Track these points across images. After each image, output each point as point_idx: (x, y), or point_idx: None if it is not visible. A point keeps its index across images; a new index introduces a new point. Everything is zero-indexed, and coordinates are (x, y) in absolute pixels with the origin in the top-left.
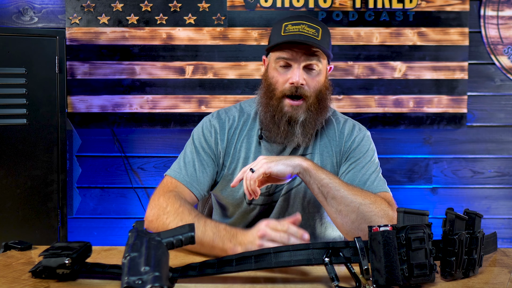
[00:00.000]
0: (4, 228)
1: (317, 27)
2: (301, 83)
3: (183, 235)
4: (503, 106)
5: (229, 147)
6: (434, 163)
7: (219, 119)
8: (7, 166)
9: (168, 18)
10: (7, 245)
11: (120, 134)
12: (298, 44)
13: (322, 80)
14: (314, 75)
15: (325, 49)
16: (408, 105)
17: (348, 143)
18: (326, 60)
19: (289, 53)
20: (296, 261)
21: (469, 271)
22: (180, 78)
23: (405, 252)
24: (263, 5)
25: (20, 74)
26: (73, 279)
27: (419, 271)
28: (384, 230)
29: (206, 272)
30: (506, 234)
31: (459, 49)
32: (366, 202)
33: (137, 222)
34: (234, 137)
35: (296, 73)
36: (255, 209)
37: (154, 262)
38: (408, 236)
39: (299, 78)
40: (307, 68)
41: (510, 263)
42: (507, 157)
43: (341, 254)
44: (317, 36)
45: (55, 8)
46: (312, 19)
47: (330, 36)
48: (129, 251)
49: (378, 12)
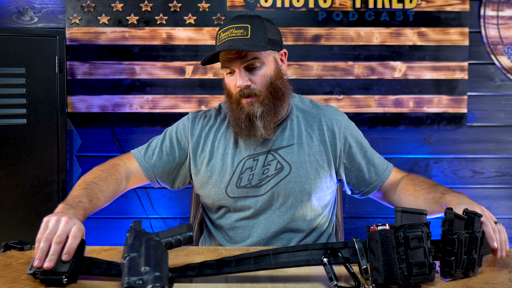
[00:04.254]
0: (4, 228)
1: (245, 25)
2: (244, 85)
3: (182, 235)
4: (503, 106)
5: (205, 145)
6: (434, 163)
7: (195, 116)
8: (7, 166)
9: (168, 18)
10: (7, 245)
11: (120, 134)
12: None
13: (270, 72)
14: (258, 72)
15: (257, 43)
16: (408, 105)
17: (341, 134)
18: (268, 51)
19: (226, 61)
20: (295, 262)
21: (468, 271)
22: (180, 78)
23: (403, 251)
24: (263, 5)
25: (20, 74)
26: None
27: (418, 270)
28: (382, 229)
29: (205, 272)
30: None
31: (459, 49)
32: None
33: (135, 222)
34: (210, 135)
35: (238, 78)
36: (239, 201)
37: (154, 262)
38: (406, 235)
39: (242, 81)
40: (248, 68)
41: (510, 263)
42: (507, 157)
43: (340, 254)
44: (246, 35)
45: (55, 8)
46: (240, 19)
47: (265, 26)
48: (128, 251)
49: (378, 12)
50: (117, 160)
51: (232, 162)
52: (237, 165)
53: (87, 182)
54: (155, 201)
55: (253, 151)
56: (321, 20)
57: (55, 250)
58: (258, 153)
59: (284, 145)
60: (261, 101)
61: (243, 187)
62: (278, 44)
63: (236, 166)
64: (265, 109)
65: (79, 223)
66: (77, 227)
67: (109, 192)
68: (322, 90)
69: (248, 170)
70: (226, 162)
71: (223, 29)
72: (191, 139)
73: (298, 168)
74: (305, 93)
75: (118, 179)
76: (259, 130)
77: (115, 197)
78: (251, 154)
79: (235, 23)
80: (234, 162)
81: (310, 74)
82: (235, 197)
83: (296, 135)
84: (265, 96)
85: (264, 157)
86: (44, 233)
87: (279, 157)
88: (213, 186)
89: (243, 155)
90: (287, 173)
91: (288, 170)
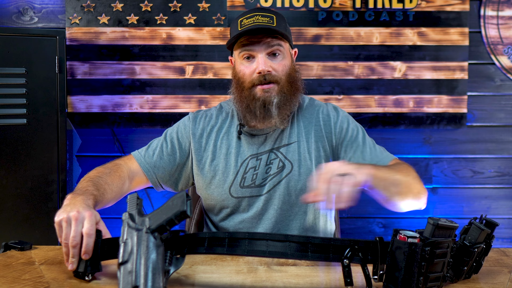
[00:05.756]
0: (4, 228)
1: (271, 15)
2: (267, 70)
3: (175, 215)
4: (503, 106)
5: (208, 145)
6: (434, 163)
7: (195, 116)
8: (7, 166)
9: (168, 18)
10: (7, 245)
11: (120, 134)
12: (255, 33)
13: (289, 63)
14: (279, 60)
15: (283, 32)
16: (408, 105)
17: (336, 128)
18: (287, 44)
19: (249, 44)
20: (313, 257)
21: (471, 274)
22: (180, 78)
23: (425, 265)
24: (263, 5)
25: (20, 74)
26: None
27: (433, 282)
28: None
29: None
30: (506, 234)
31: (459, 49)
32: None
33: (130, 197)
34: (212, 135)
35: (260, 62)
36: (242, 202)
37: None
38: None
39: (265, 65)
40: (270, 55)
41: (510, 263)
42: (507, 157)
43: (360, 255)
44: (272, 23)
45: (55, 8)
46: (265, 10)
47: (286, 22)
48: (123, 255)
49: (378, 12)
50: (119, 160)
51: (235, 162)
52: (241, 165)
53: (91, 177)
54: (155, 201)
55: (256, 151)
56: (321, 20)
57: (74, 254)
58: (261, 152)
59: (285, 143)
60: (280, 89)
61: (247, 187)
62: (292, 41)
63: (240, 165)
64: (282, 98)
65: (89, 212)
66: (89, 221)
67: (114, 187)
68: (322, 90)
69: (251, 169)
70: (230, 162)
71: (245, 16)
72: (193, 139)
73: (299, 166)
74: (305, 93)
75: (121, 176)
76: (274, 118)
77: (120, 195)
78: (254, 153)
79: (260, 12)
80: (238, 162)
81: (310, 74)
82: (239, 197)
83: (296, 133)
84: (284, 84)
85: (267, 156)
86: (61, 236)
87: (281, 155)
88: (217, 186)
89: (246, 154)
90: (288, 171)
91: (289, 168)
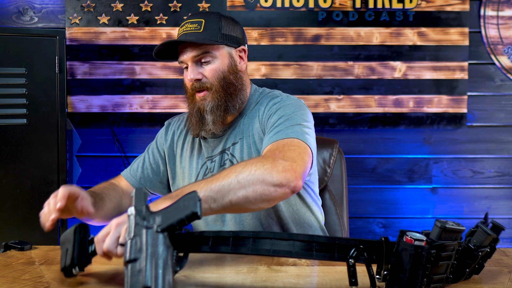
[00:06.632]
0: (4, 228)
1: (200, 20)
2: (195, 78)
3: (186, 216)
4: (503, 106)
5: (177, 148)
6: (434, 163)
7: (169, 123)
8: (7, 166)
9: (168, 18)
10: (7, 245)
11: (120, 134)
12: (179, 44)
13: (222, 67)
14: (209, 66)
15: (206, 39)
16: (408, 105)
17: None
18: (223, 46)
19: (180, 55)
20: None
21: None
22: (180, 78)
23: (430, 268)
24: (263, 5)
25: (20, 74)
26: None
27: (435, 283)
28: (418, 245)
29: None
30: (506, 234)
31: (459, 49)
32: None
33: (137, 190)
34: (180, 139)
35: (190, 71)
36: None
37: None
38: (439, 253)
39: (193, 74)
40: (200, 62)
41: (510, 263)
42: (507, 157)
43: (365, 254)
44: (199, 29)
45: (55, 8)
46: (197, 14)
47: (221, 22)
48: (130, 253)
49: (378, 12)
50: (112, 180)
51: (196, 165)
52: (201, 168)
53: (88, 190)
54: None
55: (211, 153)
56: (321, 20)
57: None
58: (215, 154)
59: (233, 143)
60: (212, 95)
61: None
62: (235, 40)
63: (200, 168)
64: (215, 104)
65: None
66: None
67: (112, 197)
68: (322, 90)
69: (209, 172)
70: (192, 165)
71: (181, 24)
72: (165, 146)
73: None
74: (305, 93)
75: (117, 191)
76: (208, 124)
77: (119, 207)
78: (209, 156)
79: (191, 18)
80: (198, 165)
81: (310, 74)
82: None
83: (242, 131)
84: (216, 89)
85: (220, 157)
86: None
87: (231, 155)
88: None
89: (204, 157)
90: None
91: None
